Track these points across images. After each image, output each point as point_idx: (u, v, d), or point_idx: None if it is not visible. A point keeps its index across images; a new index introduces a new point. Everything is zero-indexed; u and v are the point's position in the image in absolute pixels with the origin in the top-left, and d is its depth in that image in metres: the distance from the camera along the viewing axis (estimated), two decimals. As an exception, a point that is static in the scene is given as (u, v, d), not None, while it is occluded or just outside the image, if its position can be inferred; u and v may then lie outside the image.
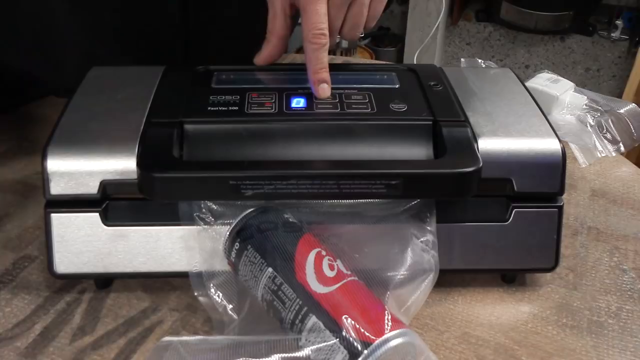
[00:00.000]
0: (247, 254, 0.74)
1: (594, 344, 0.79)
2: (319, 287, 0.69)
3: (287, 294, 0.69)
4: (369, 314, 0.67)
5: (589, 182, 1.10)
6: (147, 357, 0.73)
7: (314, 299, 0.68)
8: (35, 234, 0.93)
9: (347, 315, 0.66)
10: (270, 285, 0.71)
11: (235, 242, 0.75)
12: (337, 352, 0.65)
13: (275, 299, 0.70)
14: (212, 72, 0.92)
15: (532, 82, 1.23)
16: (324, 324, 0.67)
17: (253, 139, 0.79)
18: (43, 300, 0.83)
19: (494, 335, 0.80)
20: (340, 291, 0.69)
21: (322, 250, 0.72)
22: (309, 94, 0.85)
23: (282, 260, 0.72)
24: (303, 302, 0.68)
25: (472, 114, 0.83)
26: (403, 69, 0.95)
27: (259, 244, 0.73)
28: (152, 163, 0.74)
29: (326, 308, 0.67)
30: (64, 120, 0.81)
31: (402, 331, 0.66)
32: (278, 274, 0.71)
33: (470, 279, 0.87)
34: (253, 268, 0.73)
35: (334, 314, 0.67)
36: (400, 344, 0.65)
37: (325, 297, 0.68)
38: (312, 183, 0.73)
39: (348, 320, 0.66)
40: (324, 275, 0.70)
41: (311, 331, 0.67)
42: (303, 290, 0.69)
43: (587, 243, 0.95)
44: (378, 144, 0.79)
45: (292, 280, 0.70)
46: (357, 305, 0.68)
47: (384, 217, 0.77)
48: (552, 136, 0.80)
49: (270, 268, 0.71)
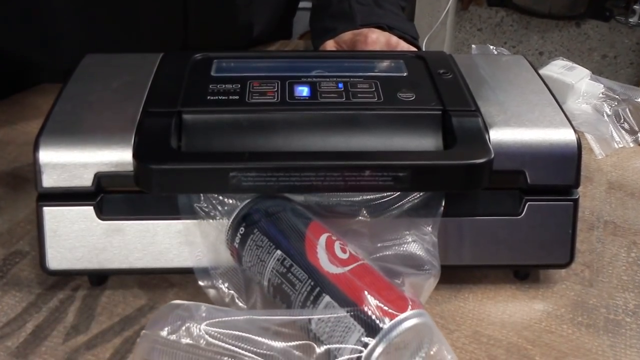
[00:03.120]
0: (253, 238, 0.74)
1: (610, 343, 0.79)
2: (332, 267, 0.69)
3: (298, 276, 0.69)
4: (387, 292, 0.67)
5: (605, 174, 1.10)
6: (155, 314, 0.72)
7: (328, 279, 0.68)
8: (27, 228, 0.93)
9: (367, 292, 0.66)
10: (279, 269, 0.71)
11: (240, 227, 0.75)
12: (353, 331, 0.65)
13: (284, 282, 0.70)
14: (211, 59, 0.91)
15: (546, 70, 1.23)
16: (339, 303, 0.67)
17: (254, 130, 0.79)
18: (35, 298, 0.83)
19: (506, 334, 0.79)
20: (355, 272, 0.69)
21: (332, 235, 0.73)
22: (312, 83, 0.85)
23: (292, 242, 0.72)
24: (315, 283, 0.68)
25: (483, 104, 0.83)
26: (411, 57, 0.95)
27: (267, 227, 0.74)
28: (149, 154, 0.74)
29: (341, 287, 0.68)
30: (56, 109, 0.81)
31: (422, 312, 0.67)
32: (288, 256, 0.71)
33: (481, 276, 0.87)
34: (260, 252, 0.73)
35: (349, 292, 0.67)
36: (421, 323, 0.66)
37: (339, 277, 0.68)
38: (317, 175, 0.73)
39: (367, 297, 0.66)
40: (336, 256, 0.70)
41: (325, 310, 0.67)
42: (315, 271, 0.69)
43: (604, 238, 0.95)
44: (385, 135, 0.79)
45: (303, 261, 0.70)
46: (374, 285, 0.68)
47: (387, 210, 0.77)
48: (567, 126, 0.80)
49: (279, 250, 0.71)
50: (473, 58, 0.96)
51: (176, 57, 0.91)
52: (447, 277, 0.75)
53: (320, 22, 1.38)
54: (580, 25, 3.61)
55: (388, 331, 0.64)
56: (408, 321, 0.65)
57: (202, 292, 0.76)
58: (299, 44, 1.51)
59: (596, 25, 3.58)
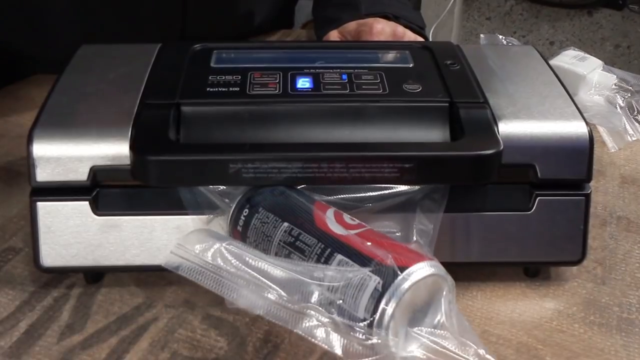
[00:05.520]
0: (257, 217, 0.74)
1: (624, 343, 0.79)
2: (342, 229, 0.70)
3: (307, 242, 0.70)
4: (400, 248, 0.68)
5: (618, 168, 1.09)
6: (188, 234, 0.73)
7: (339, 240, 0.69)
8: (20, 224, 0.93)
9: (380, 246, 0.67)
10: (287, 239, 0.71)
11: (244, 209, 0.75)
12: (368, 282, 0.65)
13: (292, 252, 0.71)
14: (211, 49, 0.91)
15: (557, 60, 1.23)
16: (351, 258, 0.67)
17: (255, 123, 0.79)
18: (28, 296, 0.83)
19: (515, 333, 0.79)
20: (365, 234, 0.70)
21: (338, 210, 0.74)
22: (315, 74, 0.85)
23: (299, 214, 0.73)
24: (325, 245, 0.69)
25: (492, 95, 0.83)
26: (417, 47, 0.95)
27: (272, 204, 0.74)
28: (146, 145, 0.74)
29: (352, 245, 0.68)
30: (51, 101, 0.81)
31: (438, 264, 0.67)
32: (295, 226, 0.72)
33: (490, 273, 0.87)
34: (265, 228, 0.73)
35: (362, 248, 0.68)
36: (437, 274, 0.66)
37: (349, 238, 0.69)
38: (320, 166, 0.73)
39: (380, 250, 0.67)
40: (346, 222, 0.72)
41: (338, 267, 0.67)
42: (324, 234, 0.70)
43: (617, 234, 0.95)
44: (390, 128, 0.79)
45: (312, 228, 0.71)
46: (388, 241, 0.69)
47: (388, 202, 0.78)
48: (579, 118, 0.80)
49: (286, 222, 0.72)
50: (481, 48, 0.96)
51: (174, 48, 0.92)
52: (454, 274, 0.75)
53: (324, 11, 1.38)
54: (592, 14, 3.60)
55: (407, 277, 0.65)
56: (428, 269, 0.66)
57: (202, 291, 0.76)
58: (301, 34, 1.51)
59: (609, 14, 3.57)
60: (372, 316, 0.64)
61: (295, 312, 0.65)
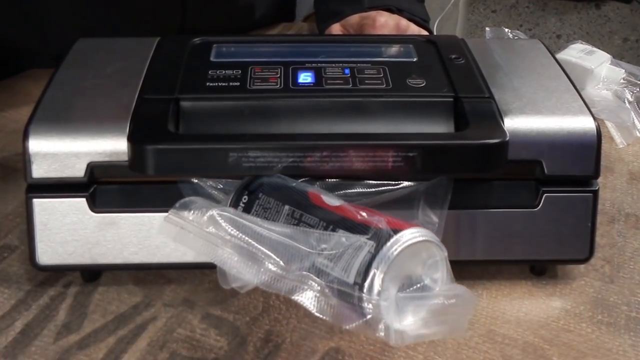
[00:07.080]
0: (258, 203, 0.74)
1: (632, 342, 0.79)
2: (337, 201, 0.71)
3: (310, 222, 0.70)
4: (393, 219, 0.68)
5: (627, 164, 1.09)
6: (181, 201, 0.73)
7: (335, 212, 0.70)
8: (16, 221, 0.93)
9: (373, 213, 0.68)
10: (290, 221, 0.71)
11: (243, 197, 0.75)
12: (363, 247, 0.66)
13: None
14: (211, 43, 0.91)
15: (564, 54, 1.23)
16: (349, 230, 0.68)
17: (256, 118, 0.79)
18: (24, 295, 0.83)
19: (522, 333, 0.79)
20: (359, 206, 0.71)
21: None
22: (317, 68, 0.85)
23: (298, 195, 0.73)
24: (327, 223, 0.69)
25: (497, 90, 0.83)
26: (421, 41, 0.95)
27: (272, 189, 0.74)
28: (144, 135, 0.74)
29: (350, 217, 0.69)
30: (47, 96, 0.81)
31: (433, 234, 0.68)
32: (297, 207, 0.72)
33: (495, 271, 0.87)
34: (268, 214, 0.73)
35: (357, 218, 0.68)
36: (429, 241, 0.67)
37: (343, 208, 0.70)
38: (321, 156, 0.73)
39: (375, 215, 0.68)
40: (337, 195, 0.73)
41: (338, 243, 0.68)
42: (323, 211, 0.70)
43: (625, 231, 0.95)
44: (393, 123, 0.79)
45: (312, 207, 0.71)
46: (381, 214, 0.69)
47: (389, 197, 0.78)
48: (586, 113, 0.80)
49: (287, 205, 0.72)
50: (487, 42, 0.96)
51: (173, 42, 0.92)
52: (459, 272, 0.75)
53: (326, 4, 1.38)
54: (600, 7, 3.60)
55: (400, 239, 0.65)
56: (420, 233, 0.66)
57: (201, 289, 0.76)
58: (303, 27, 1.50)
59: (617, 6, 3.57)
60: (363, 280, 0.65)
61: (290, 280, 0.66)
